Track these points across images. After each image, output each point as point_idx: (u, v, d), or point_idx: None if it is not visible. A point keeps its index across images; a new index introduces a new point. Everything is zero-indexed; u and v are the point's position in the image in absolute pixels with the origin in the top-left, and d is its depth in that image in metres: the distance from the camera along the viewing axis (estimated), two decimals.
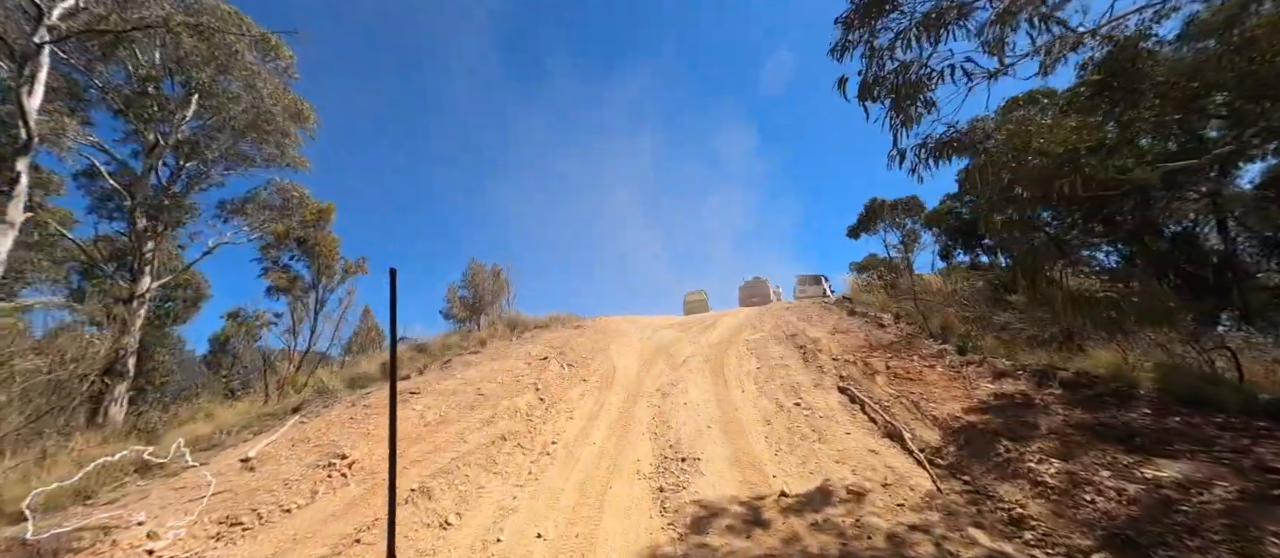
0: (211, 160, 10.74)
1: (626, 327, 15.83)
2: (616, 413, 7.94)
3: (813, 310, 14.60)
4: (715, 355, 11.37)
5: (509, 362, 10.61)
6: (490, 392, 8.35)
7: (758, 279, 25.12)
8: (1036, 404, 5.62)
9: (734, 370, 9.92)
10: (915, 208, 24.00)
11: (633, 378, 10.16)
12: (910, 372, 7.46)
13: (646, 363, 11.39)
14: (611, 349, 12.71)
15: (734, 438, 6.38)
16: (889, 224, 25.30)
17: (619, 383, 9.80)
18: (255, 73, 10.17)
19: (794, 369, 9.26)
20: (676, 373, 10.31)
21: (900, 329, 10.02)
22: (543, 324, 15.75)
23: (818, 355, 9.67)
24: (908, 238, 24.88)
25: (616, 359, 11.85)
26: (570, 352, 12.21)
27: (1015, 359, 6.93)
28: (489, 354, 11.41)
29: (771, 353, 10.74)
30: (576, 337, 13.87)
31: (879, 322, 11.42)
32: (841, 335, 10.76)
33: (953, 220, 19.13)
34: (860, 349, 9.45)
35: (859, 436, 5.95)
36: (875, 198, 24.60)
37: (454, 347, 11.31)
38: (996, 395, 6.04)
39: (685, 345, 12.94)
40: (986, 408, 5.75)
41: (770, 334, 12.59)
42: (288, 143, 11.28)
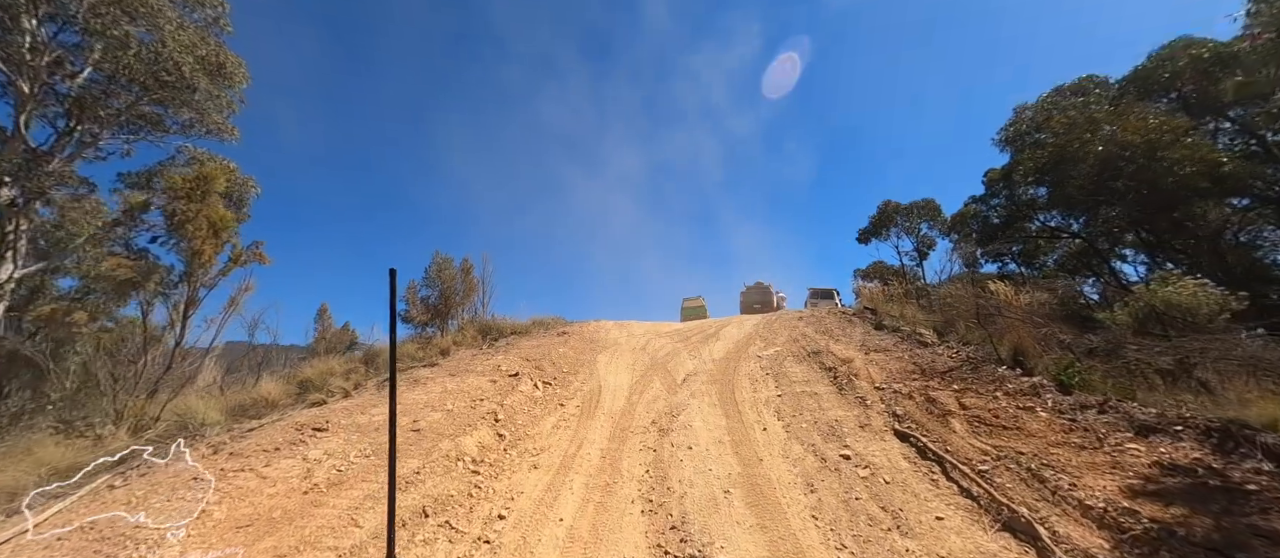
0: (106, 121, 8.52)
1: (618, 334, 13.71)
2: (598, 460, 5.82)
3: (830, 322, 12.53)
4: (722, 374, 9.28)
5: (470, 379, 8.45)
6: (431, 426, 6.20)
7: (760, 284, 23.04)
8: (1243, 489, 3.55)
9: (748, 397, 7.83)
10: (931, 211, 22.08)
11: (622, 403, 8.04)
12: (999, 415, 5.39)
13: (640, 381, 9.28)
14: (599, 362, 10.59)
15: (767, 515, 4.28)
16: (902, 229, 23.41)
17: (604, 409, 7.68)
18: (156, 10, 7.98)
19: (826, 400, 7.18)
20: (676, 397, 8.21)
21: (955, 351, 7.96)
22: (522, 330, 13.60)
23: (854, 381, 7.59)
24: (922, 244, 22.97)
25: (604, 375, 9.73)
26: (549, 365, 10.07)
27: (1157, 406, 4.86)
28: (448, 368, 9.24)
29: (792, 374, 8.66)
30: (559, 346, 11.74)
31: (919, 339, 9.36)
32: (877, 355, 8.69)
33: (978, 225, 17.21)
34: (910, 376, 7.38)
35: (959, 523, 3.87)
36: (888, 200, 22.71)
37: (407, 358, 9.18)
38: (1163, 468, 3.96)
39: (685, 359, 10.84)
40: (1161, 492, 3.67)
41: (786, 349, 10.51)
42: (209, 105, 9.07)
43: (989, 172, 17.74)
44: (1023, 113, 12.30)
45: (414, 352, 9.38)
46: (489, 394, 7.80)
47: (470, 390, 7.80)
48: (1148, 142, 10.07)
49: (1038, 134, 11.80)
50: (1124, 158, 10.52)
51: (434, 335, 10.66)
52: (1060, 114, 11.15)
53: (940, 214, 20.87)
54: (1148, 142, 10.07)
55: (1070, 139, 10.89)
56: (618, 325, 15.13)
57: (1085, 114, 10.51)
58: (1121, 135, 10.11)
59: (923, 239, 21.85)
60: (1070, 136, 10.96)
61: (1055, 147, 11.15)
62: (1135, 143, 10.11)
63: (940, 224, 20.90)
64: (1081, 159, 11.07)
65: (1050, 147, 11.22)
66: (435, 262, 11.65)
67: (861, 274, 29.36)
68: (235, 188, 9.13)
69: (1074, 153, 11.04)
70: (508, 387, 8.26)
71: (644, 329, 14.65)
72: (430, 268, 11.63)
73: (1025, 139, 12.20)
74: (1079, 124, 10.70)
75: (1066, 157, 11.06)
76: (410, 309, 10.94)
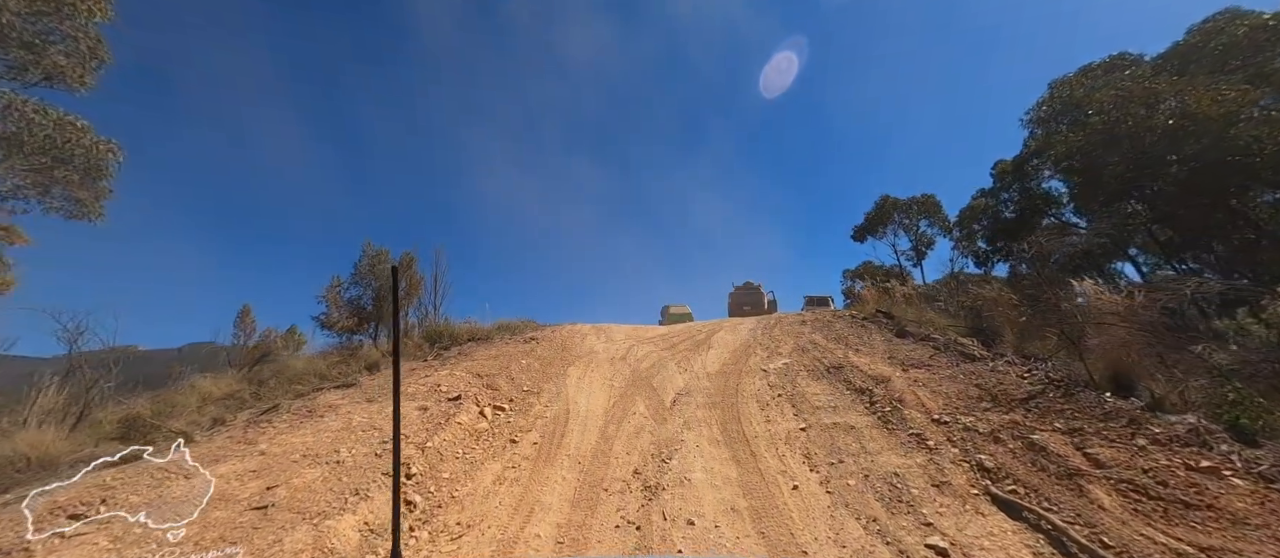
0: None
1: (594, 340, 11.61)
2: (551, 550, 3.72)
3: (841, 327, 10.64)
4: (722, 394, 7.27)
5: (391, 406, 6.27)
6: (294, 495, 4.01)
7: (750, 284, 21.10)
8: None
9: (761, 429, 5.83)
10: (931, 208, 20.48)
11: (594, 438, 5.96)
12: (1166, 481, 3.46)
13: (619, 403, 7.21)
14: (569, 377, 8.49)
15: None
16: (899, 226, 21.78)
17: (570, 450, 5.59)
18: None
19: (870, 437, 5.21)
20: (666, 428, 6.17)
21: (1025, 369, 6.07)
22: (483, 336, 11.39)
23: (901, 410, 5.64)
24: (920, 242, 21.38)
25: (574, 394, 7.64)
26: (506, 382, 7.93)
27: None
28: (370, 389, 7.02)
29: (812, 396, 6.69)
30: (523, 356, 9.59)
31: (961, 350, 7.48)
32: (919, 373, 6.76)
33: (988, 220, 15.61)
34: (977, 403, 5.45)
35: None
36: (886, 196, 21.03)
37: (314, 377, 6.93)
38: None
39: (674, 373, 8.81)
40: None
41: (796, 361, 8.55)
42: (48, 44, 6.72)
43: (999, 163, 16.17)
44: (1059, 89, 10.64)
45: (326, 370, 7.10)
46: (414, 429, 5.63)
47: (385, 426, 5.61)
48: (1224, 114, 8.29)
49: (1077, 111, 10.09)
50: (1189, 133, 8.74)
51: (363, 346, 8.45)
52: (1107, 88, 9.43)
53: (940, 211, 19.28)
54: (1224, 114, 8.29)
55: (1123, 114, 9.14)
56: (595, 330, 13.02)
57: (1141, 86, 8.80)
58: (1193, 106, 8.33)
59: (921, 237, 20.23)
60: (1123, 111, 9.20)
61: (1103, 123, 9.39)
62: (1208, 115, 8.32)
63: (940, 221, 19.30)
64: (1134, 136, 9.29)
65: (1095, 123, 9.46)
66: (366, 255, 9.31)
67: (852, 275, 27.80)
68: (81, 153, 6.75)
69: (1126, 130, 9.26)
70: (442, 416, 6.10)
71: (625, 334, 12.57)
72: (361, 262, 9.29)
73: (1061, 118, 10.51)
74: (1134, 97, 8.96)
75: (1116, 134, 9.30)
76: (330, 312, 8.60)
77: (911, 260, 20.56)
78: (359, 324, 8.71)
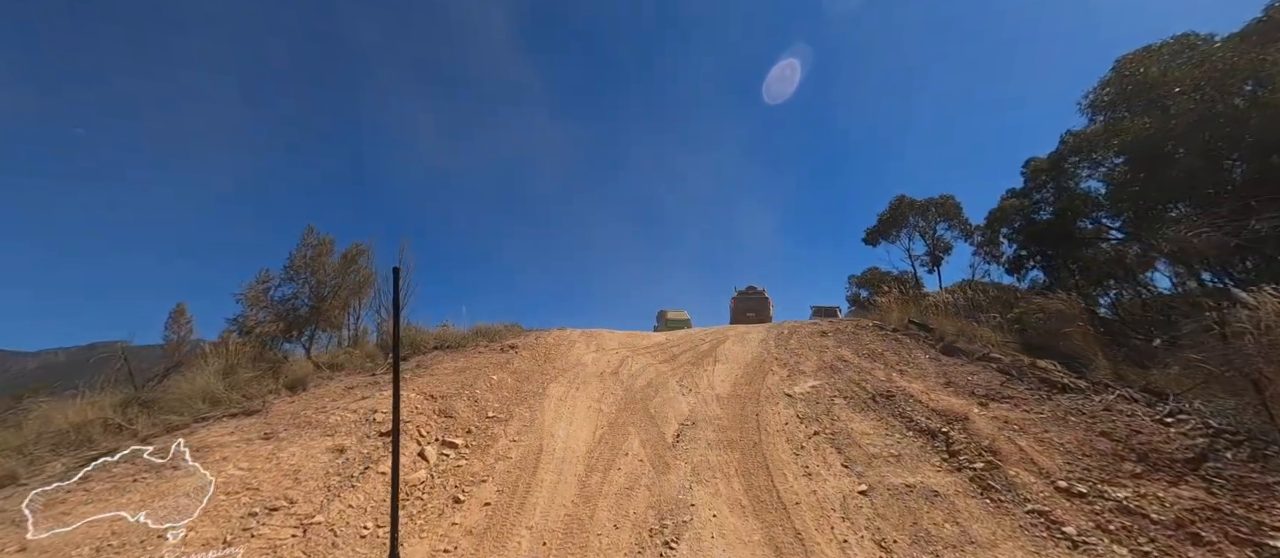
0: None
1: (583, 349, 9.91)
2: None
3: (870, 340, 8.99)
4: (740, 428, 5.58)
5: (298, 446, 4.53)
6: None
7: (753, 289, 19.42)
8: None
9: (802, 490, 4.15)
10: (950, 210, 18.86)
11: (570, 495, 4.26)
12: None
13: (607, 440, 5.50)
14: (548, 398, 6.78)
15: None
16: (914, 230, 20.19)
17: (535, 520, 3.87)
18: None
19: (966, 511, 3.54)
20: (669, 481, 4.48)
21: (1160, 412, 4.43)
22: (453, 342, 9.67)
23: (1001, 468, 3.97)
24: (936, 247, 19.76)
25: (551, 424, 5.93)
26: (466, 407, 6.22)
27: None
28: (280, 417, 5.25)
29: (860, 436, 5.02)
30: (496, 369, 7.88)
31: (1045, 377, 5.83)
32: (1002, 409, 5.10)
33: (1021, 222, 14.06)
34: (1120, 464, 3.79)
35: None
36: (902, 196, 19.38)
37: (202, 402, 5.14)
38: None
39: (675, 393, 7.12)
40: None
41: (828, 384, 6.88)
42: None
43: (1031, 161, 14.59)
44: (1129, 65, 9.08)
45: (223, 391, 5.27)
46: (306, 491, 3.89)
47: (271, 483, 3.87)
48: None
49: (1152, 92, 8.51)
50: None
51: (290, 358, 6.66)
52: (1200, 63, 7.84)
53: (960, 214, 17.68)
54: None
55: (1222, 89, 7.54)
56: (585, 336, 11.30)
57: (1247, 58, 7.21)
58: None
59: (937, 241, 18.63)
60: (1220, 89, 7.60)
61: (1194, 105, 7.78)
62: None
63: (960, 225, 17.71)
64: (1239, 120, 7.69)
65: (1183, 106, 7.85)
66: (306, 244, 7.42)
67: (858, 281, 26.21)
68: None
69: (1230, 113, 7.66)
70: (363, 462, 4.37)
71: (618, 342, 10.86)
72: (297, 254, 7.40)
73: (1134, 100, 8.93)
74: (1236, 70, 7.37)
75: (1210, 116, 7.70)
76: (248, 314, 6.74)
77: (926, 266, 18.97)
78: (288, 330, 6.94)
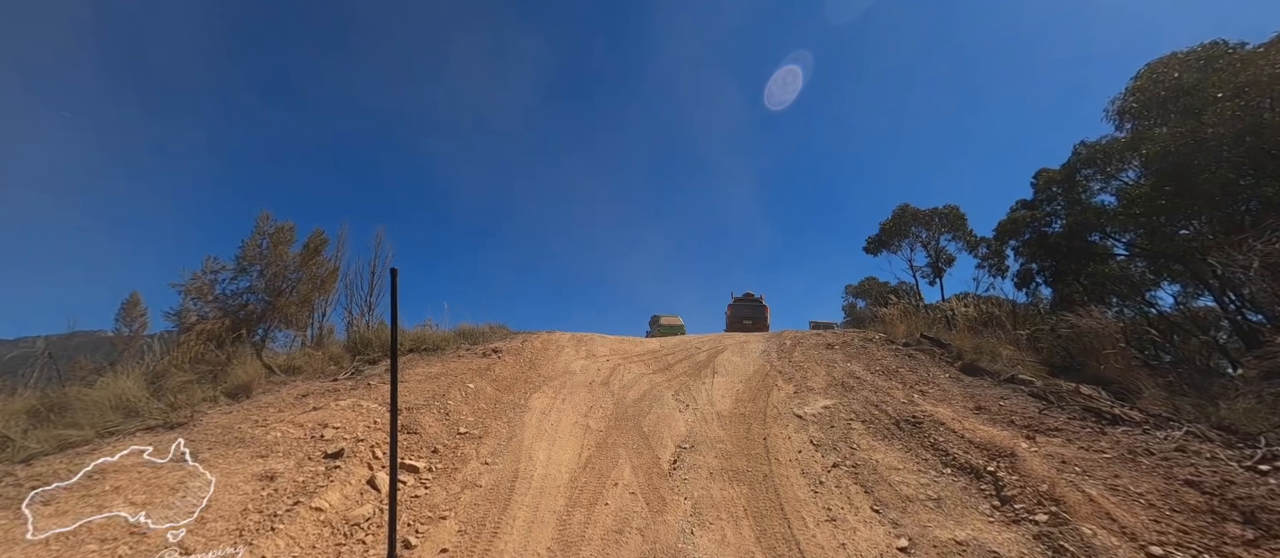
0: None
1: (572, 355, 9.11)
2: None
3: (881, 354, 8.25)
4: (747, 454, 4.79)
5: (213, 472, 3.69)
6: None
7: (751, 296, 18.66)
8: None
9: (828, 543, 3.35)
10: (955, 221, 18.25)
11: (547, 539, 3.45)
12: None
13: (593, 464, 4.70)
14: (531, 411, 5.98)
15: None
16: (916, 240, 19.57)
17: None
18: None
19: None
20: (665, 524, 3.68)
21: (1241, 453, 3.71)
22: (432, 345, 8.84)
23: (1071, 524, 3.22)
24: (938, 259, 19.14)
25: (532, 443, 5.13)
26: (436, 421, 5.41)
27: None
28: (200, 435, 4.41)
29: (888, 471, 4.25)
30: (475, 376, 7.07)
31: (1089, 406, 5.11)
32: (1053, 444, 4.36)
33: (1030, 235, 13.43)
34: (1221, 524, 3.06)
35: None
36: (906, 205, 18.73)
37: (116, 412, 4.27)
38: None
39: (671, 409, 6.32)
40: None
41: (840, 403, 6.11)
42: None
43: (1041, 172, 13.98)
44: (1160, 70, 8.45)
45: (145, 401, 4.38)
46: (211, 536, 3.06)
47: (164, 525, 3.04)
48: None
49: (1187, 98, 7.87)
50: None
51: (233, 360, 5.79)
52: (1244, 68, 7.20)
53: (965, 225, 17.05)
54: None
55: (1272, 95, 6.90)
56: (575, 341, 10.50)
57: None
58: None
59: (940, 253, 17.99)
60: (1271, 94, 6.97)
61: (1234, 113, 7.13)
62: None
63: (964, 236, 17.08)
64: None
65: (1224, 113, 7.20)
66: (260, 231, 6.52)
67: (855, 291, 25.59)
68: None
69: (1276, 122, 7.02)
70: (294, 494, 3.54)
71: (608, 349, 10.05)
72: (250, 242, 6.49)
73: (1167, 106, 8.28)
74: None
75: (1255, 125, 7.05)
76: (186, 308, 5.84)
77: (927, 278, 18.33)
78: (235, 327, 6.05)
